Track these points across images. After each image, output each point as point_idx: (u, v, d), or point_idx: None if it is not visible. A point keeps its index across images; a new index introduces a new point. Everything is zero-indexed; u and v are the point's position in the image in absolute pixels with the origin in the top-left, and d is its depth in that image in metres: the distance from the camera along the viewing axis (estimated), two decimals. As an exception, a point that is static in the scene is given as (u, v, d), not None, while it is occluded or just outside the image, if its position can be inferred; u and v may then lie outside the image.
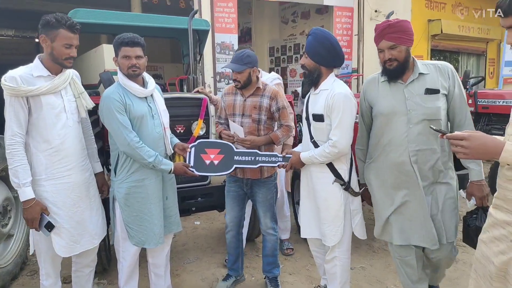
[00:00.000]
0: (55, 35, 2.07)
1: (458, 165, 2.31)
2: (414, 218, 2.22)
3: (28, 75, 2.07)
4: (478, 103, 6.44)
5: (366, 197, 2.53)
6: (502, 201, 1.48)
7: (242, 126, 2.65)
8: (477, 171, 2.14)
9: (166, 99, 2.66)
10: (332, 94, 2.30)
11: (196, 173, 2.48)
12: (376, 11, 10.17)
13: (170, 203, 2.53)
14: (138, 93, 2.35)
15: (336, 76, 2.48)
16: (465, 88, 6.53)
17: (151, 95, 2.44)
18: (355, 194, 2.44)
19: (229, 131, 2.70)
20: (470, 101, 6.46)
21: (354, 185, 2.46)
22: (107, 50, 7.42)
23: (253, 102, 2.66)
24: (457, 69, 11.21)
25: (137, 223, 2.35)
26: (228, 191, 2.83)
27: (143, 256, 2.77)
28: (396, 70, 2.17)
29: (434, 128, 1.57)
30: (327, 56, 2.36)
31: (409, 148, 2.17)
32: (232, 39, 8.90)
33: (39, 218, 2.08)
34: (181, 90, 5.95)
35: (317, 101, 2.40)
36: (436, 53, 10.77)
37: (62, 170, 2.16)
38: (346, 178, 2.40)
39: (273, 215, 2.83)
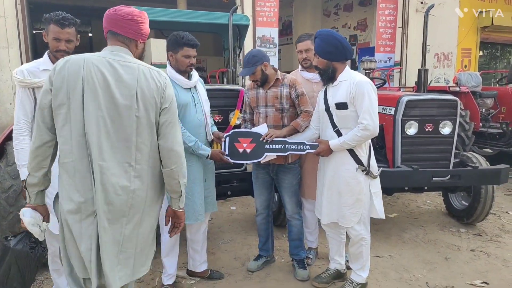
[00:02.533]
0: (48, 30, 2.28)
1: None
2: None
3: (35, 69, 2.28)
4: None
5: None
6: None
7: (266, 116, 2.84)
8: None
9: (206, 90, 2.90)
10: (354, 83, 2.49)
11: (231, 160, 2.71)
12: (422, 2, 9.86)
13: (208, 185, 2.78)
14: (183, 84, 2.61)
15: (374, 69, 2.65)
16: (511, 82, 6.28)
17: (194, 86, 2.69)
18: (374, 176, 2.61)
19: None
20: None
21: (374, 169, 2.63)
22: (154, 45, 7.84)
23: (274, 92, 2.85)
24: (509, 62, 10.63)
25: None
26: (256, 177, 3.02)
27: (183, 234, 3.04)
28: None
29: None
30: (336, 52, 2.55)
31: None
32: (273, 32, 9.04)
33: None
34: (221, 82, 6.20)
35: (337, 91, 2.57)
36: (486, 46, 10.29)
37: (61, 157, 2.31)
38: (365, 164, 2.57)
39: (298, 201, 2.99)
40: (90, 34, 17.56)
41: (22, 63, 2.16)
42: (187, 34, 2.57)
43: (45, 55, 2.34)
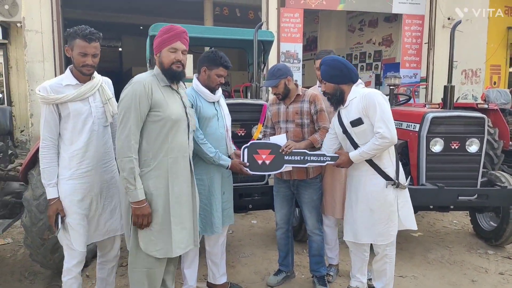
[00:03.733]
0: (73, 45, 2.22)
1: None
2: None
3: (57, 85, 2.23)
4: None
5: None
6: None
7: (287, 131, 2.88)
8: None
9: (230, 104, 2.97)
10: (363, 96, 2.54)
11: (250, 172, 2.72)
12: (449, 18, 9.75)
13: (226, 197, 2.81)
14: (208, 98, 2.69)
15: (398, 85, 2.66)
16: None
17: (218, 101, 2.76)
18: (403, 187, 2.59)
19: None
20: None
21: (402, 180, 2.61)
22: (180, 59, 8.06)
23: (294, 108, 2.89)
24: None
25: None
26: (277, 192, 3.04)
27: (203, 247, 3.07)
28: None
29: None
30: (341, 75, 2.61)
31: None
32: (297, 48, 9.14)
33: (53, 216, 2.24)
34: (245, 96, 6.29)
35: (349, 110, 2.60)
36: (517, 62, 10.01)
37: (83, 171, 2.27)
38: (393, 176, 2.55)
39: (319, 216, 2.98)
40: (120, 49, 18.24)
41: (56, 77, 2.29)
42: (224, 55, 2.69)
43: (67, 71, 2.31)
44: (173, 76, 2.20)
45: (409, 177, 2.71)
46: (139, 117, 2.08)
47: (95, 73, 2.35)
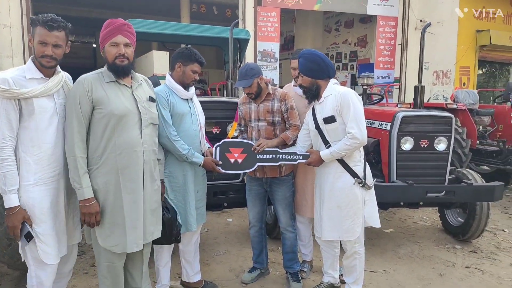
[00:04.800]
0: (34, 34, 2.03)
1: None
2: None
3: (20, 77, 2.01)
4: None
5: None
6: None
7: (259, 129, 2.90)
8: None
9: (205, 102, 2.96)
10: (338, 94, 2.58)
11: (222, 171, 2.72)
12: (421, 20, 10.02)
13: (200, 196, 2.80)
14: (182, 94, 2.67)
15: (372, 85, 2.70)
16: (508, 100, 6.35)
17: (191, 98, 2.76)
18: (369, 188, 2.65)
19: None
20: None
21: (369, 180, 2.67)
22: (156, 56, 7.98)
23: (265, 107, 2.90)
24: (507, 81, 10.73)
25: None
26: (249, 190, 3.05)
27: (176, 245, 3.04)
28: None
29: None
30: (319, 69, 2.64)
31: None
32: (274, 47, 9.18)
33: (19, 226, 2.00)
34: (222, 94, 6.27)
35: (324, 107, 2.64)
36: (485, 64, 10.41)
37: (50, 175, 2.09)
38: (361, 175, 2.60)
39: (292, 213, 3.01)
40: (94, 45, 17.80)
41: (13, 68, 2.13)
42: (197, 52, 2.68)
43: (29, 61, 2.08)
44: (117, 70, 2.16)
45: (375, 179, 2.76)
46: (81, 116, 2.08)
47: (58, 67, 2.18)
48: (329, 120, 2.59)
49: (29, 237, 2.01)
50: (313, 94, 2.67)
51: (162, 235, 2.42)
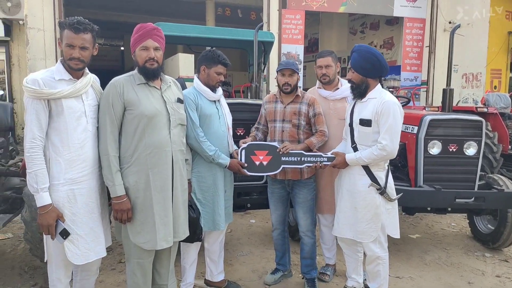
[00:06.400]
0: (62, 37, 2.07)
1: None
2: None
3: (50, 78, 2.05)
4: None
5: None
6: None
7: (282, 130, 2.88)
8: None
9: (230, 104, 2.99)
10: (382, 102, 2.49)
11: (248, 173, 2.74)
12: (450, 22, 9.79)
13: (227, 196, 2.84)
14: (209, 96, 2.73)
15: (398, 88, 2.64)
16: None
17: (219, 100, 2.81)
18: (390, 200, 2.58)
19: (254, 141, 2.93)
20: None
21: (391, 191, 2.60)
22: (182, 59, 8.13)
23: (292, 108, 2.89)
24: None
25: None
26: (271, 193, 3.04)
27: (201, 244, 3.08)
28: None
29: None
30: (372, 69, 2.56)
31: None
32: (298, 49, 9.18)
33: (54, 224, 2.02)
34: (246, 96, 6.32)
35: (364, 108, 2.58)
36: (517, 67, 10.04)
37: (79, 175, 2.10)
38: (382, 184, 2.55)
39: (312, 218, 2.98)
40: (122, 48, 18.29)
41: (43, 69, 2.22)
42: (222, 53, 2.72)
43: (58, 63, 2.12)
44: (147, 73, 2.22)
45: (401, 194, 2.69)
46: (114, 117, 2.17)
47: (86, 69, 2.20)
48: (365, 123, 2.54)
49: (65, 234, 2.04)
50: (360, 92, 2.60)
51: None
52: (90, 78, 2.22)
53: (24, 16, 7.72)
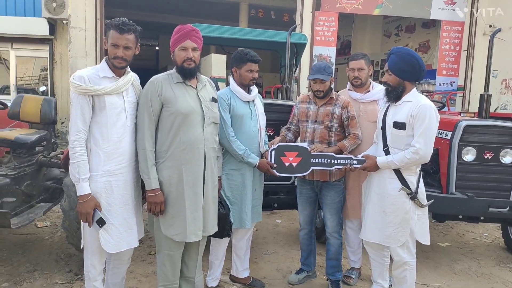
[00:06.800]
0: (107, 37, 2.18)
1: None
2: None
3: (94, 75, 2.16)
4: None
5: None
6: None
7: (314, 131, 2.89)
8: None
9: (261, 105, 3.05)
10: (418, 105, 2.47)
11: (277, 173, 2.77)
12: (490, 26, 9.44)
13: (257, 195, 2.89)
14: (243, 97, 2.79)
15: (432, 92, 2.61)
16: None
17: (253, 101, 2.86)
18: (421, 205, 2.54)
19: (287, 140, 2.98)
20: None
21: (422, 197, 2.56)
22: (214, 59, 8.28)
23: (326, 110, 2.89)
24: None
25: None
26: (300, 193, 3.07)
27: (229, 240, 3.15)
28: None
29: None
30: (411, 72, 2.53)
31: None
32: (330, 51, 9.13)
33: (92, 213, 2.14)
34: (276, 98, 6.36)
35: (399, 111, 2.56)
36: None
37: (117, 167, 2.21)
38: (413, 189, 2.52)
39: (339, 220, 2.98)
40: (157, 48, 18.80)
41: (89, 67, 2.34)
42: (250, 51, 2.77)
43: (103, 62, 2.25)
44: (185, 73, 2.32)
45: (431, 201, 2.64)
46: (152, 113, 2.26)
47: (128, 68, 2.31)
48: (400, 126, 2.51)
49: (101, 222, 2.16)
50: (396, 95, 2.58)
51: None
52: (131, 77, 2.32)
53: (68, 16, 8.13)
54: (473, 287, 3.26)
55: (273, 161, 2.76)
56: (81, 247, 2.37)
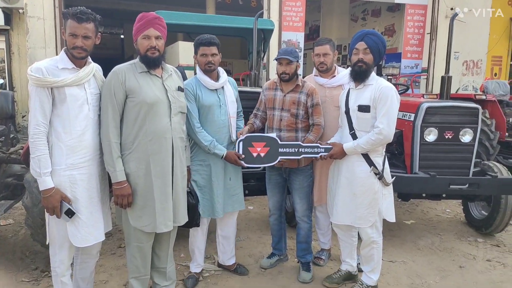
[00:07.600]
0: (65, 26, 2.12)
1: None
2: None
3: (53, 67, 2.10)
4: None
5: None
6: None
7: (281, 119, 2.89)
8: None
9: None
10: (379, 87, 2.55)
11: (245, 164, 2.78)
12: (452, 8, 9.70)
13: (233, 183, 2.88)
14: (209, 85, 2.75)
15: (397, 75, 2.68)
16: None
17: (222, 88, 2.81)
18: (386, 184, 2.65)
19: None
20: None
21: (387, 176, 2.67)
22: (182, 47, 8.12)
23: (292, 97, 2.88)
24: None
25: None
26: (269, 179, 3.09)
27: (213, 227, 3.15)
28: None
29: None
30: (382, 55, 2.64)
31: None
32: (299, 37, 9.13)
33: (59, 206, 2.10)
34: (245, 85, 6.33)
35: (361, 95, 2.62)
36: (519, 54, 9.98)
37: (80, 161, 2.16)
38: (380, 169, 2.61)
39: (309, 204, 3.03)
40: (122, 36, 18.20)
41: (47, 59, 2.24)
42: (206, 35, 2.71)
43: (62, 52, 2.17)
44: (149, 62, 2.28)
45: (394, 177, 2.74)
46: (116, 104, 2.22)
47: (89, 58, 2.24)
48: (364, 109, 2.57)
49: (70, 213, 2.12)
50: (365, 74, 2.60)
51: None
52: (93, 67, 2.26)
53: (24, 5, 7.71)
54: (436, 261, 3.42)
55: (241, 152, 2.76)
56: (47, 243, 2.30)
